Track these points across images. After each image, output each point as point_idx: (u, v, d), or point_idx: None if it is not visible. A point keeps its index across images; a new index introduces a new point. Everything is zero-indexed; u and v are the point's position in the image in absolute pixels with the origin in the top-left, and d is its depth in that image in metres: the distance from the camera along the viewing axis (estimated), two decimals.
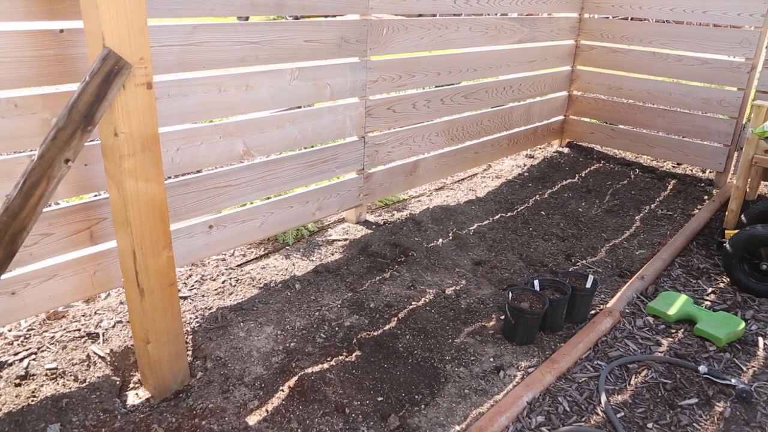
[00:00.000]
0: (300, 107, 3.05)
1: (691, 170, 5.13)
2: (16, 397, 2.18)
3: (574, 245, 3.63)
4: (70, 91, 2.16)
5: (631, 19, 4.96)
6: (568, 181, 4.74)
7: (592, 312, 2.89)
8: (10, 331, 2.55)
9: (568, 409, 2.24)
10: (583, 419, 2.20)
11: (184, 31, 2.42)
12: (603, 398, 2.29)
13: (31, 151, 2.15)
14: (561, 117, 5.46)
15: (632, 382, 2.41)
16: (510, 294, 2.65)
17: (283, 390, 2.26)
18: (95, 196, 2.64)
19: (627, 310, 2.91)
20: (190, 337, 2.55)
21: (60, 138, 1.79)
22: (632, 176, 4.89)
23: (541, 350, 2.59)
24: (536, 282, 2.79)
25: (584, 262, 3.44)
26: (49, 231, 2.24)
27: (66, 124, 1.79)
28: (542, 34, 4.68)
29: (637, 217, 4.08)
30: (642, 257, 3.51)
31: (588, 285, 2.81)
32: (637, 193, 4.52)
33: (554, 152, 5.43)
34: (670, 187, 4.68)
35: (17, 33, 1.99)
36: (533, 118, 5.03)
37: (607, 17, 5.06)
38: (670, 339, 2.70)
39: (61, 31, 2.09)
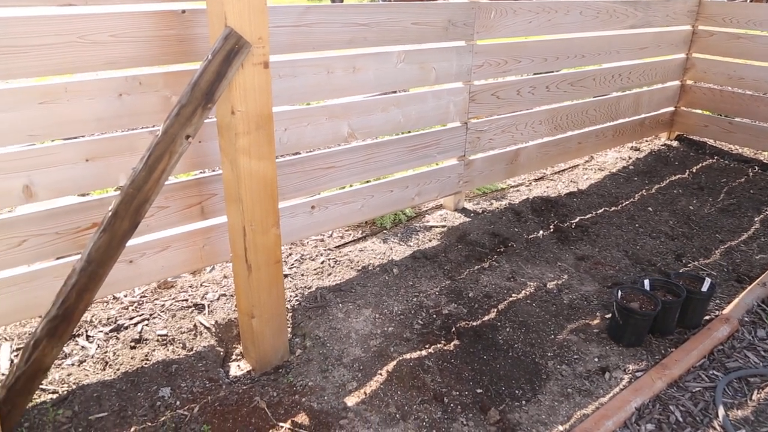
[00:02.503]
0: (402, 91, 3.02)
1: None
2: (131, 358, 2.30)
3: (685, 245, 3.40)
4: (189, 70, 2.22)
5: (750, 0, 4.55)
6: (678, 176, 4.45)
7: (707, 318, 2.69)
8: (125, 296, 2.70)
9: (680, 419, 2.10)
10: None
11: (297, 13, 2.44)
12: (720, 411, 2.12)
13: (152, 127, 2.24)
14: (671, 108, 5.12)
15: (754, 397, 2.22)
16: (619, 292, 2.51)
17: (381, 374, 2.26)
18: (200, 173, 2.74)
19: (746, 319, 2.69)
20: (290, 314, 2.60)
21: (182, 114, 1.85)
22: (750, 174, 4.52)
23: (650, 354, 2.44)
24: (646, 281, 2.63)
25: (696, 263, 3.21)
26: (165, 204, 2.34)
27: (188, 101, 1.84)
28: (657, 19, 4.39)
29: (756, 219, 3.76)
30: (763, 262, 3.23)
31: (704, 288, 2.62)
32: (757, 193, 4.17)
33: (662, 145, 5.12)
34: None
35: (144, 14, 2.06)
36: (641, 108, 4.75)
37: (724, 0, 4.66)
38: None
39: (183, 11, 2.15)
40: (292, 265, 3.00)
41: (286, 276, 2.89)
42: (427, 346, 2.41)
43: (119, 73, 2.12)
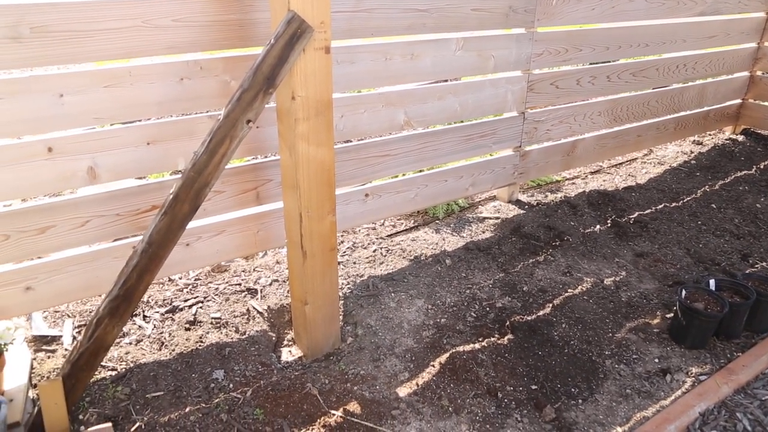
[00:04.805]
0: (454, 79, 2.96)
1: None
2: (186, 340, 2.34)
3: (752, 245, 3.24)
4: (248, 55, 2.22)
5: None
6: (744, 172, 4.24)
7: None
8: (180, 278, 2.74)
9: (749, 428, 1.99)
10: None
11: None
12: None
13: (206, 112, 2.25)
14: (738, 101, 4.88)
15: None
16: (683, 292, 2.41)
17: (433, 366, 2.23)
18: (253, 158, 2.74)
19: None
20: (342, 302, 2.59)
21: (244, 99, 1.85)
22: None
23: (714, 357, 2.33)
24: (712, 281, 2.52)
25: (764, 264, 3.05)
26: (221, 189, 2.36)
27: (250, 86, 1.84)
28: (727, 6, 4.17)
29: None
30: None
31: None
32: None
33: (726, 140, 4.89)
34: None
35: None
36: (706, 100, 4.54)
37: None
38: None
39: None
40: (344, 252, 2.99)
41: (338, 263, 2.88)
42: (480, 339, 2.37)
43: (181, 57, 2.13)
